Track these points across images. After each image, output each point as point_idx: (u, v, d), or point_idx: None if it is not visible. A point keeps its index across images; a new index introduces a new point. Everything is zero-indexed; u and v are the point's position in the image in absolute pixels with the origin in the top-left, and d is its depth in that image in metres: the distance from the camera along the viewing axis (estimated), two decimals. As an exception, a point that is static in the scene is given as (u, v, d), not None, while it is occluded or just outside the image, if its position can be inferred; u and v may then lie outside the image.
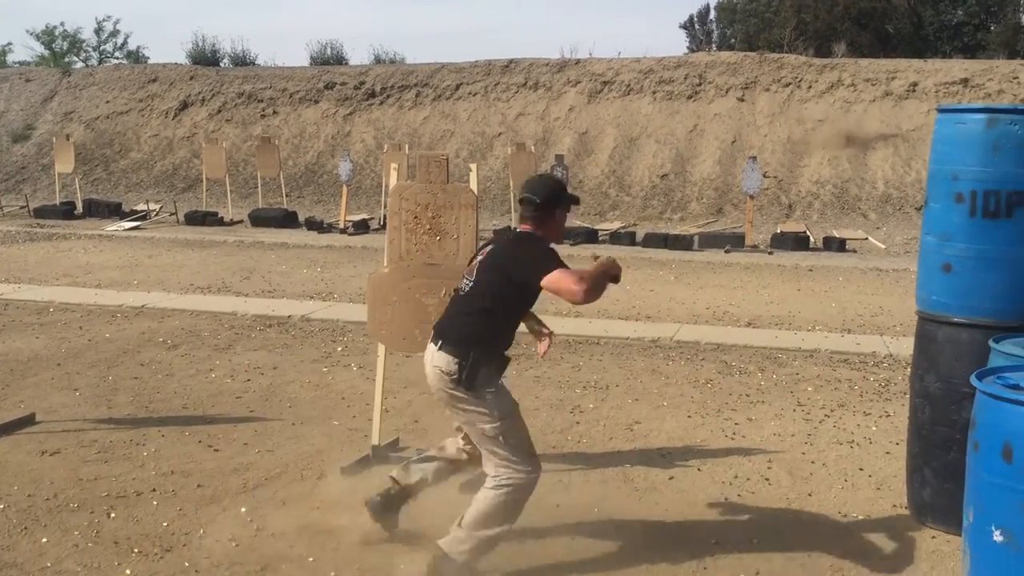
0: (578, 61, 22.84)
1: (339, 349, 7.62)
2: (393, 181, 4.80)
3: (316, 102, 23.24)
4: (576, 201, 4.05)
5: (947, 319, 4.02)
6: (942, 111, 4.10)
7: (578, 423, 5.74)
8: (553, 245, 3.79)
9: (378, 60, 26.33)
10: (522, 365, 7.19)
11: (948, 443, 3.95)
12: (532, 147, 17.94)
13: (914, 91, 19.67)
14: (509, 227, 4.06)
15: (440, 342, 3.69)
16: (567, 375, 6.92)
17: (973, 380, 3.17)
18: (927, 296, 4.13)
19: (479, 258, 3.83)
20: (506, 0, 72.41)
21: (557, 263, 3.61)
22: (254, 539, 3.99)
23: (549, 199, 3.81)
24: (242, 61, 27.03)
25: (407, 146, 17.91)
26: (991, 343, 3.72)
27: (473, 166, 4.72)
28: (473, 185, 4.66)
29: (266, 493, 4.50)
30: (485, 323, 3.69)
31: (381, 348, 4.93)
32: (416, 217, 4.70)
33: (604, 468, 4.91)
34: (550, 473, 4.80)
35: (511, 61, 23.01)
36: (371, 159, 21.27)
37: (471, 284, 3.75)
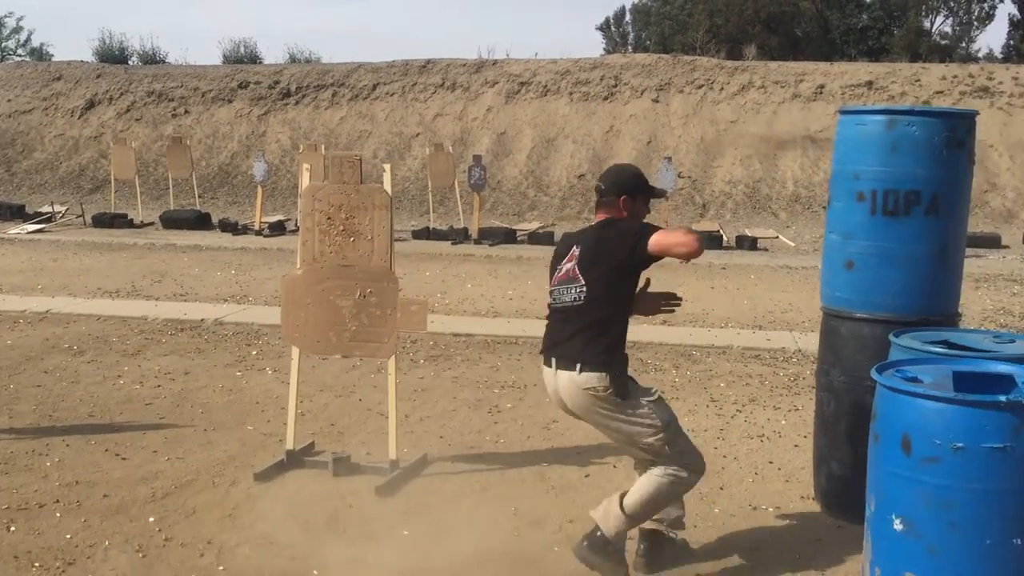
0: (495, 62, 22.90)
1: (254, 353, 7.49)
2: (305, 182, 4.74)
3: (229, 101, 22.80)
4: (660, 194, 3.95)
5: (850, 315, 4.15)
6: (844, 112, 4.23)
7: (496, 423, 5.75)
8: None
9: (293, 59, 25.99)
10: (440, 366, 7.19)
11: (852, 435, 4.07)
12: (450, 147, 17.90)
13: (821, 93, 20.26)
14: (598, 219, 3.99)
15: (578, 364, 3.57)
16: (485, 375, 6.92)
17: (873, 374, 3.26)
18: (831, 292, 4.25)
19: (569, 264, 3.70)
20: (421, 0, 72.13)
21: (653, 227, 3.61)
22: (162, 549, 3.89)
23: (631, 188, 3.78)
24: (151, 59, 26.38)
25: (323, 146, 17.69)
26: (891, 337, 3.84)
27: (387, 167, 4.68)
28: (387, 186, 4.63)
29: (176, 502, 4.39)
30: (610, 330, 3.64)
31: (295, 351, 4.86)
32: (329, 218, 4.65)
33: (521, 467, 4.93)
34: (467, 474, 4.82)
35: (429, 61, 22.95)
36: (287, 159, 20.96)
37: (583, 293, 3.62)
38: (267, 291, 10.23)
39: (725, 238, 15.56)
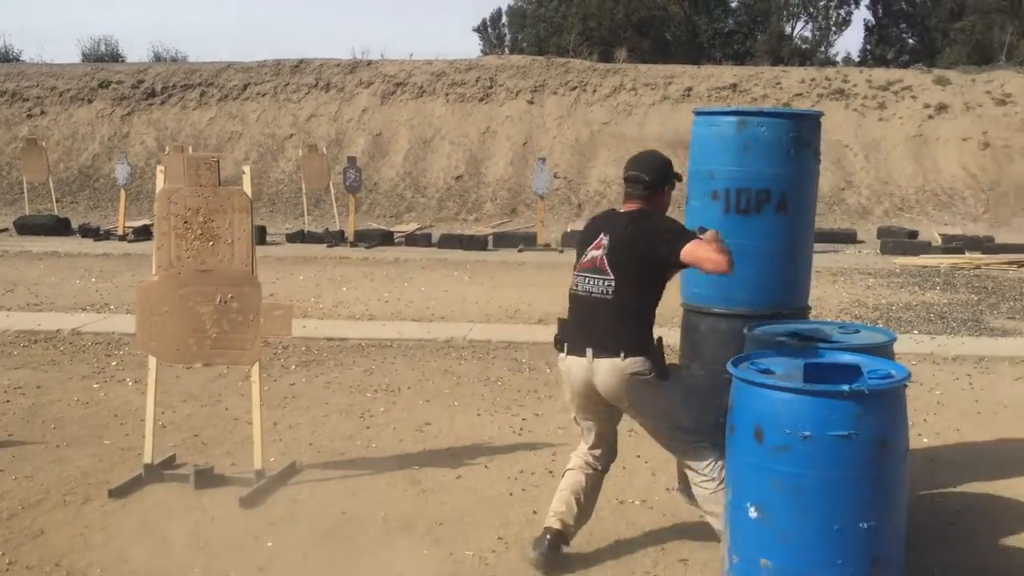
0: (370, 62, 22.66)
1: (113, 364, 7.17)
2: (160, 184, 4.55)
3: (90, 101, 21.83)
4: (680, 178, 3.90)
5: (708, 310, 4.26)
6: (698, 114, 4.34)
7: (368, 427, 5.67)
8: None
9: (158, 58, 25.11)
10: (312, 371, 7.05)
11: (713, 427, 4.17)
12: (324, 149, 17.61)
13: (689, 95, 20.83)
14: (613, 209, 3.87)
15: (621, 352, 3.56)
16: (359, 379, 6.82)
17: (728, 366, 3.36)
18: (690, 289, 4.36)
19: (597, 253, 3.67)
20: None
21: (689, 235, 3.60)
22: (6, 574, 3.67)
23: (659, 178, 3.76)
24: (4, 58, 25.01)
25: (190, 148, 17.11)
26: (746, 331, 3.97)
27: (246, 168, 4.54)
28: (247, 188, 4.49)
29: (22, 523, 4.15)
30: (643, 315, 3.66)
31: (152, 361, 4.66)
32: (186, 222, 4.48)
33: (392, 471, 4.87)
34: (337, 480, 4.73)
35: (301, 61, 22.53)
36: (153, 162, 20.16)
37: (611, 287, 3.62)
38: (130, 299, 9.80)
39: (600, 237, 15.79)
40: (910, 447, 5.25)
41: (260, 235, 15.38)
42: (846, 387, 3.03)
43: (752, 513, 3.18)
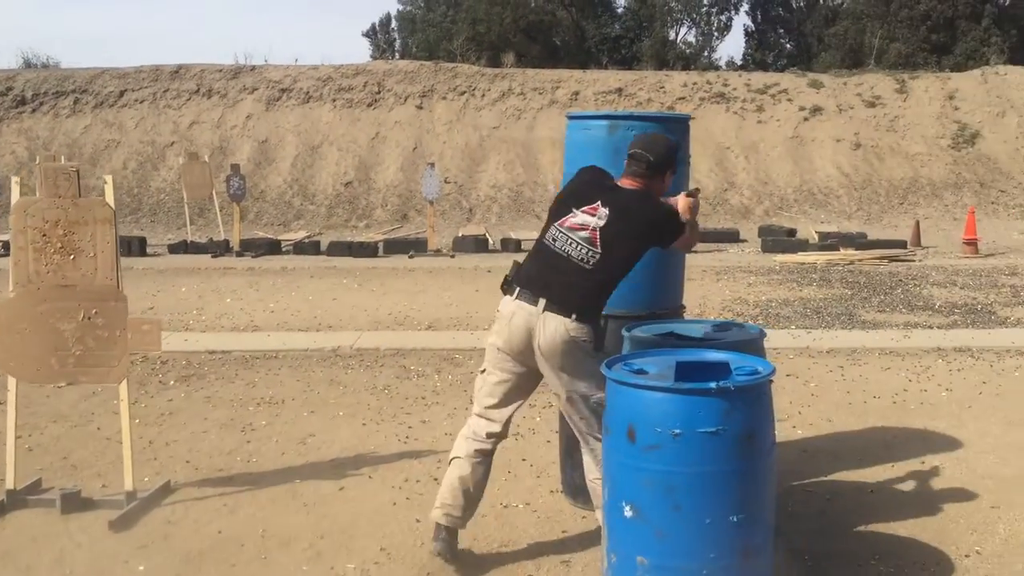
0: (254, 67, 22.22)
1: (-23, 385, 6.80)
2: (16, 196, 4.34)
3: (-46, 110, 20.77)
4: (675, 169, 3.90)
5: (585, 312, 4.28)
6: (571, 118, 4.38)
7: (249, 442, 5.52)
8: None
9: (28, 64, 24.06)
10: (192, 386, 6.84)
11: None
12: (207, 156, 17.16)
13: (576, 99, 21.12)
14: (610, 175, 3.79)
15: (573, 315, 3.56)
16: (241, 393, 6.65)
17: (602, 368, 3.39)
18: (568, 291, 4.38)
19: (590, 219, 3.61)
20: (173, 2, 68.88)
21: (681, 223, 3.72)
22: None
23: (663, 160, 3.70)
24: None
25: (63, 157, 16.42)
26: (623, 332, 4.02)
27: (108, 178, 4.37)
28: (109, 198, 4.32)
29: None
30: (607, 290, 3.68)
31: (12, 382, 4.43)
32: (44, 235, 4.28)
33: (273, 486, 4.76)
34: (214, 498, 4.60)
35: (181, 66, 21.93)
36: (24, 172, 19.30)
37: (595, 258, 3.58)
38: (-3, 316, 9.34)
39: (491, 241, 15.86)
40: (786, 439, 5.43)
41: (141, 246, 14.89)
42: (713, 385, 3.10)
43: (627, 512, 3.21)
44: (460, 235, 16.22)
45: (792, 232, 16.39)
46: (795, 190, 19.69)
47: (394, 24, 49.44)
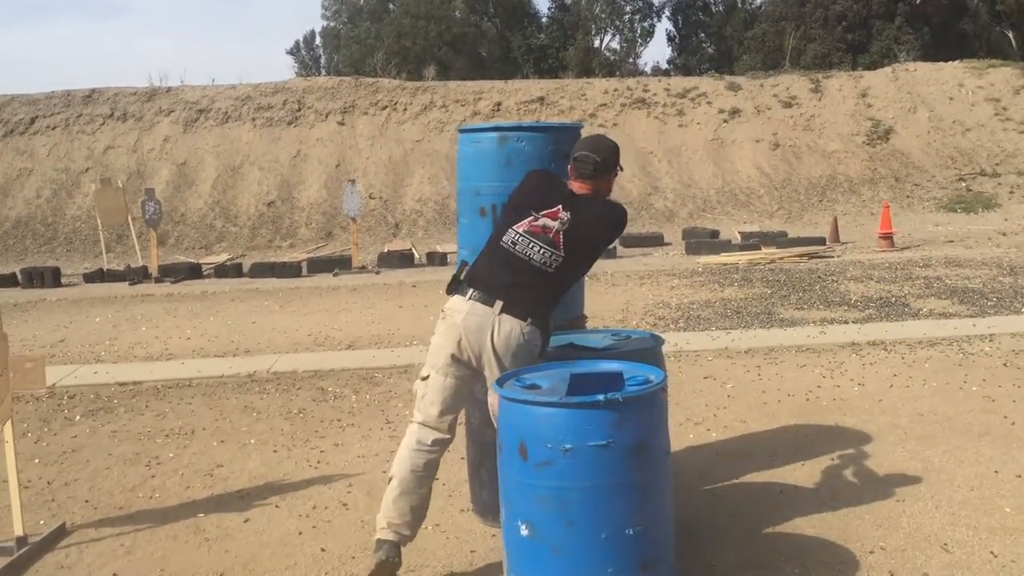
0: (169, 89, 21.80)
1: None
2: None
3: None
4: (622, 168, 3.88)
5: (485, 327, 4.22)
6: (462, 132, 4.32)
7: (153, 476, 5.34)
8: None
9: (-68, 92, 23.21)
10: (99, 420, 6.61)
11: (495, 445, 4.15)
12: (123, 182, 16.76)
13: (499, 110, 21.14)
14: (559, 179, 3.79)
15: (529, 319, 3.55)
16: (149, 424, 6.44)
17: (493, 385, 3.33)
18: (466, 307, 4.31)
19: (552, 223, 3.57)
20: (82, 27, 67.39)
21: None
22: None
23: (609, 161, 3.68)
24: None
25: (-30, 188, 15.90)
26: (522, 345, 3.96)
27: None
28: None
29: None
30: (560, 296, 3.69)
31: None
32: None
33: (175, 522, 4.59)
34: (111, 538, 4.43)
35: (94, 91, 21.42)
36: (-70, 205, 18.67)
37: (557, 262, 3.56)
38: None
39: (417, 256, 15.75)
40: (700, 443, 5.44)
41: (55, 277, 14.45)
42: (601, 397, 3.06)
43: (523, 531, 3.16)
44: (385, 251, 16.08)
45: (715, 233, 16.59)
46: (717, 192, 19.95)
47: (318, 41, 49.13)
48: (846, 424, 5.75)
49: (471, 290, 3.61)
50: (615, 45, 41.40)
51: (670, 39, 42.17)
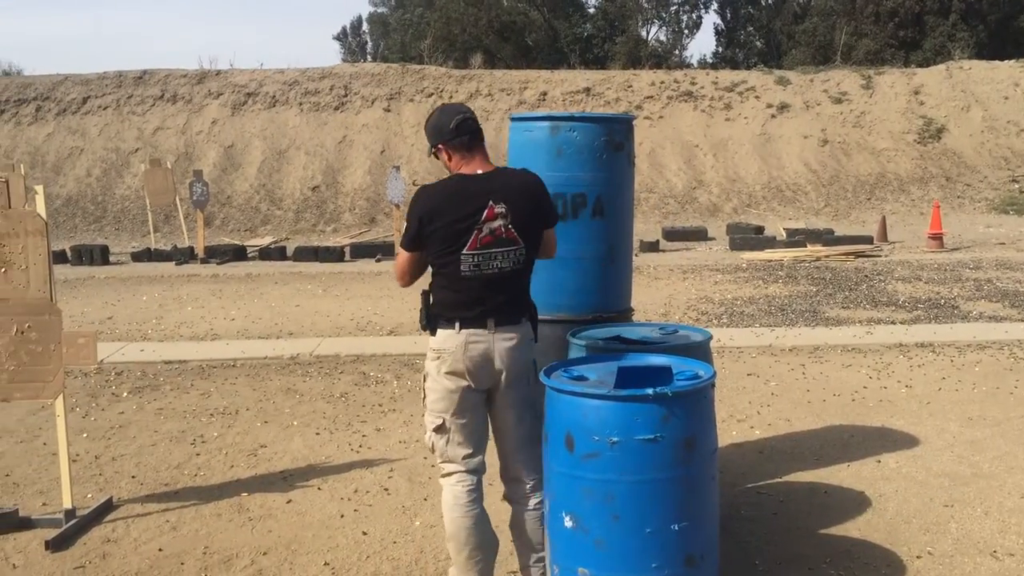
0: (219, 72, 22.00)
1: (-77, 401, 6.64)
2: (-57, 208, 4.21)
3: (-87, 119, 20.42)
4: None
5: (532, 317, 4.21)
6: (513, 120, 4.30)
7: (198, 454, 5.41)
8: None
9: (-11, 71, 23.69)
10: (145, 398, 6.71)
11: (540, 436, 4.14)
12: (171, 163, 16.96)
13: (544, 99, 21.05)
14: (462, 175, 3.32)
15: (522, 318, 3.43)
16: (194, 403, 6.53)
17: (541, 376, 3.32)
18: (513, 296, 4.30)
19: (497, 224, 3.28)
20: (137, 8, 68.25)
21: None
22: None
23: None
24: None
25: (23, 166, 16.18)
26: (568, 337, 3.95)
27: (39, 188, 4.25)
28: (40, 209, 4.20)
29: None
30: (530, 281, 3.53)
31: (-57, 399, 4.31)
32: (-26, 248, 4.16)
33: (219, 500, 4.65)
34: (157, 514, 4.49)
35: (145, 72, 21.68)
36: (-15, 181, 19.03)
37: (522, 255, 3.36)
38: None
39: (459, 244, 15.74)
40: (743, 440, 5.39)
41: (103, 255, 14.68)
42: (650, 391, 3.03)
43: (567, 523, 3.14)
44: (428, 238, 16.07)
45: (760, 229, 16.40)
46: (763, 187, 19.72)
47: (365, 27, 49.30)
48: (893, 426, 5.66)
49: (455, 322, 3.35)
50: (662, 37, 41.06)
51: (718, 32, 41.73)
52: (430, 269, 3.44)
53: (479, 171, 3.40)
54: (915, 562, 3.82)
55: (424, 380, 3.49)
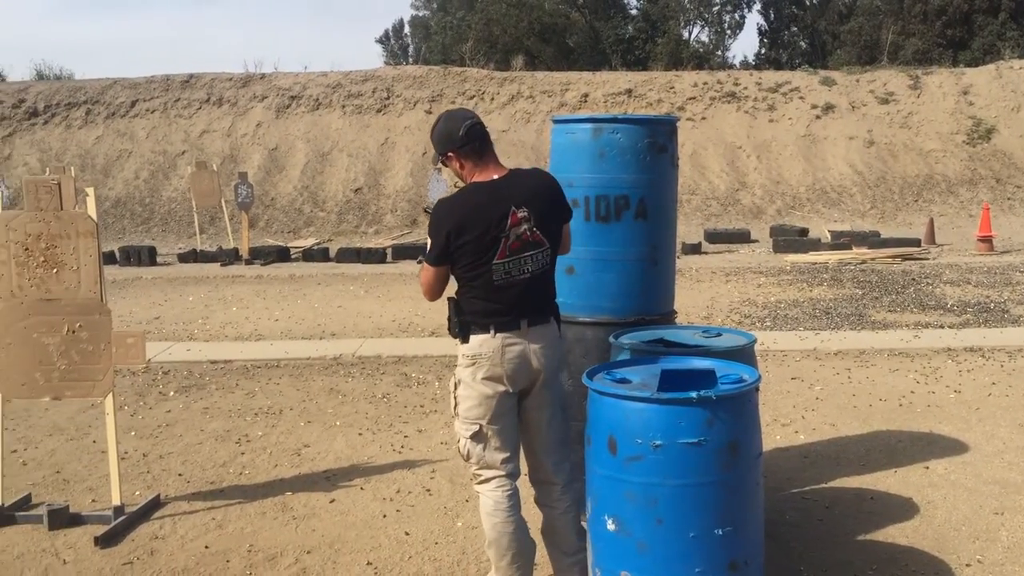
0: (263, 75, 22.26)
1: (-23, 399, 6.79)
2: (-2, 210, 4.31)
3: (-33, 123, 20.91)
4: None
5: (574, 319, 4.21)
6: (556, 122, 4.30)
7: (243, 453, 5.47)
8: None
9: (41, 76, 24.21)
10: (191, 397, 6.81)
11: (583, 438, 4.13)
12: (216, 165, 17.19)
13: (586, 101, 21.01)
14: (478, 183, 3.29)
15: (551, 317, 3.46)
16: (239, 403, 6.61)
17: (583, 378, 3.31)
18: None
19: (522, 228, 3.29)
20: (183, 12, 69.25)
21: None
22: None
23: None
24: None
25: (73, 168, 16.50)
26: (611, 339, 3.93)
27: (89, 190, 4.33)
28: (91, 211, 4.28)
29: None
30: None
31: (-2, 397, 4.40)
32: (27, 249, 4.25)
33: (264, 499, 4.71)
34: (203, 512, 4.55)
35: (192, 76, 21.99)
36: (37, 183, 19.43)
37: (548, 255, 3.39)
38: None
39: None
40: (788, 445, 5.33)
41: (151, 256, 14.92)
42: (694, 394, 3.01)
43: (610, 526, 3.13)
44: (469, 240, 16.11)
45: (804, 231, 16.21)
46: (807, 189, 19.50)
47: (407, 30, 49.62)
48: (941, 432, 5.57)
49: (490, 326, 3.34)
50: (704, 38, 40.77)
51: (761, 32, 41.35)
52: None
53: (495, 176, 3.38)
54: (964, 570, 3.75)
55: (455, 388, 3.47)
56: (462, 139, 3.37)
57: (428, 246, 3.39)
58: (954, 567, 3.78)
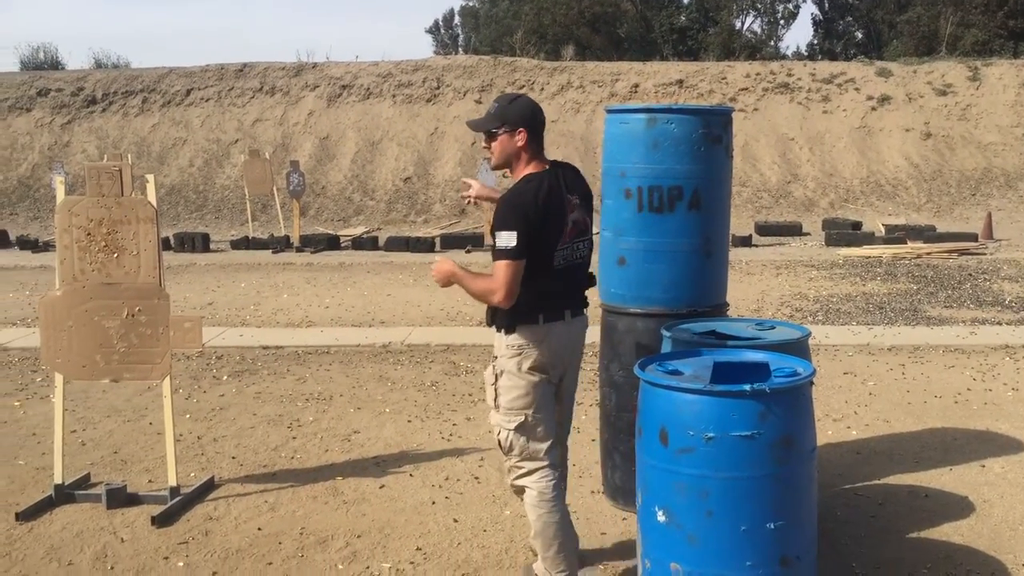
0: (315, 65, 22.45)
1: (38, 379, 6.98)
2: (60, 196, 4.41)
3: (28, 110, 21.41)
4: None
5: (625, 310, 4.20)
6: (609, 112, 4.28)
7: (294, 438, 5.55)
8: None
9: (99, 64, 24.70)
10: (244, 381, 6.91)
11: (632, 428, 4.12)
12: (268, 154, 17.39)
13: (636, 92, 20.88)
14: (544, 170, 3.26)
15: (585, 308, 3.52)
16: (290, 388, 6.70)
17: (635, 369, 3.30)
18: (607, 288, 4.29)
19: (577, 215, 3.36)
20: (236, 2, 70.05)
21: None
22: None
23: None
24: (-61, 66, 24.41)
25: (130, 156, 16.82)
26: (662, 330, 3.91)
27: (150, 177, 4.41)
28: (151, 197, 4.36)
29: (-80, 552, 3.99)
30: None
31: (59, 378, 4.51)
32: (89, 234, 4.34)
33: (315, 483, 4.77)
34: (256, 495, 4.62)
35: (245, 65, 22.26)
36: (95, 170, 19.84)
37: (590, 240, 3.48)
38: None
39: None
40: (840, 440, 5.27)
41: (204, 242, 15.15)
42: (747, 387, 2.98)
43: (660, 517, 3.12)
44: (517, 230, 16.11)
45: (857, 225, 15.96)
46: (861, 182, 19.18)
47: (457, 19, 49.68)
48: (998, 430, 5.46)
49: (538, 315, 3.33)
50: (756, 28, 40.23)
51: (815, 23, 40.70)
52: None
53: (546, 166, 3.39)
54: (1021, 571, 3.68)
55: (496, 379, 3.42)
56: (541, 123, 3.41)
57: (503, 240, 3.22)
58: (1011, 567, 3.71)
